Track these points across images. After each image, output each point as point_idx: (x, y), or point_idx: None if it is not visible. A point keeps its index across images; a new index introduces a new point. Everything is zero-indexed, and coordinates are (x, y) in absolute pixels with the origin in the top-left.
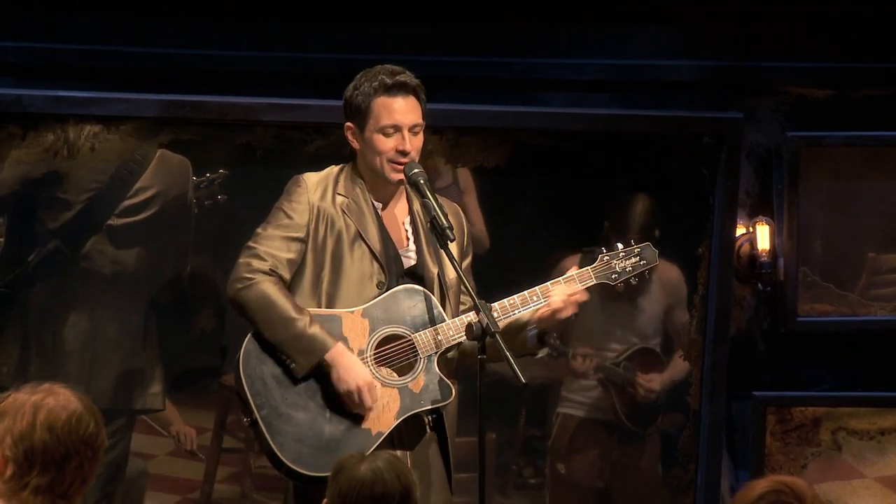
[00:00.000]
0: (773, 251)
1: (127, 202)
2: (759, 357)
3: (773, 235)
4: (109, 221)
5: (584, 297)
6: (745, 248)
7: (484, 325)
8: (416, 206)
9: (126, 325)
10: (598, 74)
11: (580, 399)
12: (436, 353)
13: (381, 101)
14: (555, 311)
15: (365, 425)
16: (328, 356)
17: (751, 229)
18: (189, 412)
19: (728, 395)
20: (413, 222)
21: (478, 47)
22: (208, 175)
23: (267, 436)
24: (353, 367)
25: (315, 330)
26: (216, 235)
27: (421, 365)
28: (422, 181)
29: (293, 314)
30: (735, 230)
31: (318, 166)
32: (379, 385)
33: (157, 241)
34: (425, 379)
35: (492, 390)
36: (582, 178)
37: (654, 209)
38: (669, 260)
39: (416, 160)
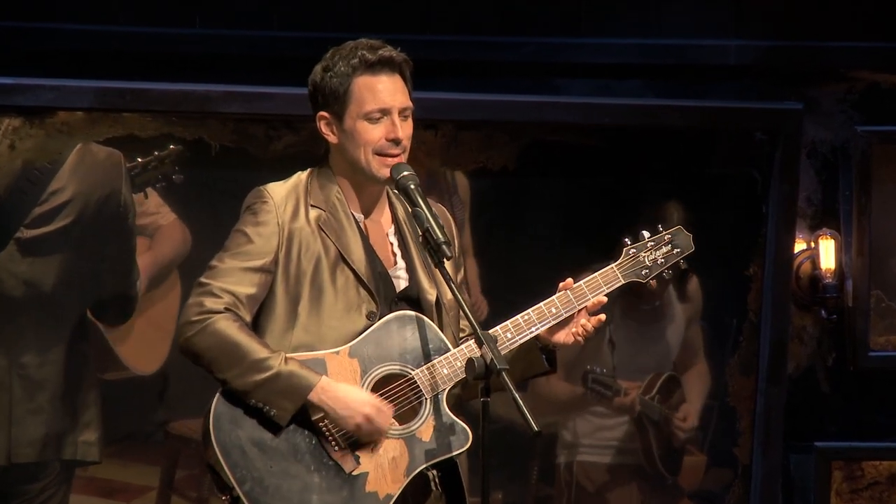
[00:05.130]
0: (840, 271)
1: (38, 210)
2: (823, 400)
3: (840, 252)
4: (18, 234)
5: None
6: (806, 267)
7: (488, 360)
8: (401, 212)
9: (49, 359)
10: (627, 57)
11: (601, 442)
12: (443, 390)
13: (363, 82)
14: (571, 327)
15: (370, 488)
16: (314, 395)
17: (812, 244)
18: (130, 466)
19: (785, 446)
20: (399, 233)
21: (480, 24)
22: (156, 153)
23: None
24: (348, 396)
25: (293, 366)
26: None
27: (427, 407)
28: (412, 186)
29: (263, 352)
30: (793, 246)
31: (286, 168)
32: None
33: (83, 255)
34: (435, 423)
35: (498, 440)
36: (608, 183)
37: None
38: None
39: (408, 152)
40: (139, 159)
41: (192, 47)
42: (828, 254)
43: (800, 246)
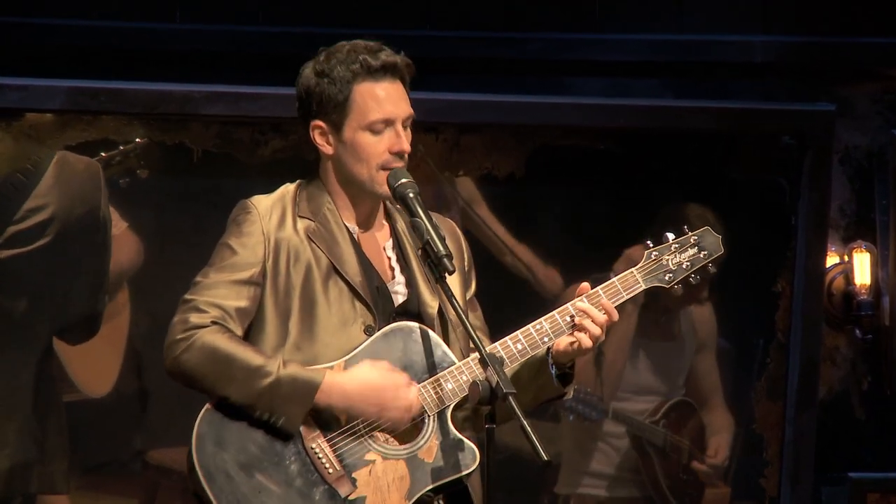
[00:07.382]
0: (876, 287)
1: (14, 228)
2: (857, 427)
3: (876, 266)
4: None
5: (614, 316)
6: (839, 282)
7: (493, 383)
8: (400, 224)
9: (16, 387)
10: (644, 54)
11: (603, 472)
12: (447, 406)
13: (366, 89)
14: (575, 339)
15: None
16: (321, 395)
17: (846, 258)
18: (103, 499)
19: (816, 477)
20: (398, 246)
21: (484, 19)
22: (121, 147)
23: None
24: (361, 385)
25: (293, 368)
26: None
27: (430, 425)
28: (411, 195)
29: (258, 359)
30: (825, 260)
31: (274, 175)
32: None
33: (58, 274)
34: (439, 442)
35: (505, 470)
36: (623, 190)
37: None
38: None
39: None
40: (102, 154)
41: (172, 44)
42: (862, 268)
43: (832, 260)
